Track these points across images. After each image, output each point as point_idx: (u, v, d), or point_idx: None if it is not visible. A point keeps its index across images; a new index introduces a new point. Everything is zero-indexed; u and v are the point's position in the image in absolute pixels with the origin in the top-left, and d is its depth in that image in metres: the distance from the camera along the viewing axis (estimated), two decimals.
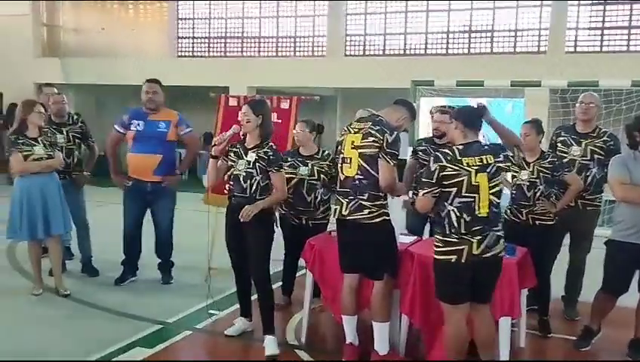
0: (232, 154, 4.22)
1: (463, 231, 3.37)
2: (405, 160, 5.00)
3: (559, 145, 5.01)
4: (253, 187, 4.11)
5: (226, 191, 4.36)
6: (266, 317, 4.25)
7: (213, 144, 4.26)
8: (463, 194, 3.36)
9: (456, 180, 3.35)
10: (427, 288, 3.91)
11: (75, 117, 5.89)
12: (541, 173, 4.48)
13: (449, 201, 3.39)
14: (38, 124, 5.06)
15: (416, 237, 4.55)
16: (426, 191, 3.44)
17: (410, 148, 5.33)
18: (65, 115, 5.81)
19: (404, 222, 4.94)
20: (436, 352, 3.89)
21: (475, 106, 3.81)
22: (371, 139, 3.73)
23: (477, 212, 3.36)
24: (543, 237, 4.46)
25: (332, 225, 4.33)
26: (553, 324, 4.69)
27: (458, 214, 3.37)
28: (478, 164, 3.37)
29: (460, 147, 3.45)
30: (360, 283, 4.00)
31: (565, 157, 4.82)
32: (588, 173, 4.81)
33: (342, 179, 3.88)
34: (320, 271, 4.30)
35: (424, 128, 8.18)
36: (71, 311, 4.95)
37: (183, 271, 5.86)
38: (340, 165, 3.91)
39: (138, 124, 5.46)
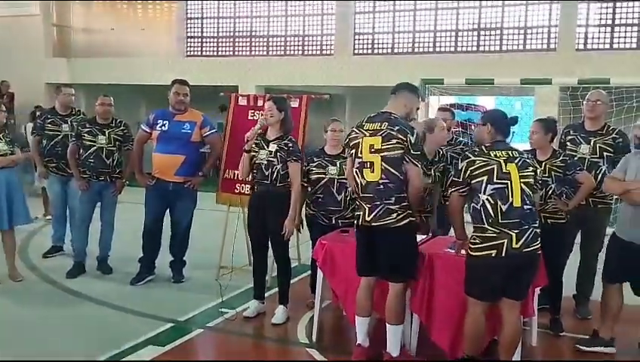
0: (254, 146, 4.66)
1: (500, 222, 3.44)
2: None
3: (568, 143, 4.99)
4: (274, 175, 4.57)
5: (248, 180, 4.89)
6: (282, 290, 4.81)
7: (246, 140, 4.66)
8: (495, 181, 3.46)
9: (486, 169, 3.48)
10: (435, 287, 3.93)
11: (119, 120, 5.97)
12: (553, 172, 4.46)
13: (482, 191, 3.48)
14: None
15: (425, 236, 4.54)
16: (454, 188, 3.57)
17: None
18: (110, 117, 5.90)
19: None
20: (448, 345, 3.92)
21: (508, 114, 3.80)
22: (394, 141, 3.65)
23: (511, 200, 3.44)
24: (555, 235, 4.43)
25: None
26: (565, 323, 4.69)
27: (493, 202, 3.46)
28: (505, 156, 3.53)
29: (487, 145, 3.62)
30: (375, 286, 3.97)
31: (575, 156, 4.80)
32: (598, 171, 4.78)
33: (362, 184, 3.76)
34: (331, 270, 4.31)
35: None
36: (83, 309, 4.99)
37: (195, 269, 5.89)
38: (357, 170, 3.81)
39: (163, 124, 5.49)
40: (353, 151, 3.83)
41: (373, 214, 3.72)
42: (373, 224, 3.73)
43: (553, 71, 9.41)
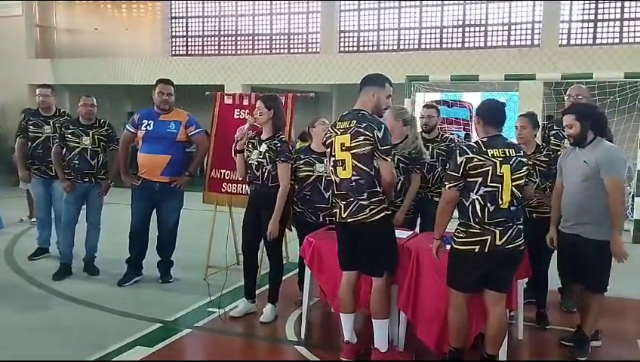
0: (249, 145, 4.68)
1: (486, 221, 3.47)
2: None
3: (552, 138, 5.04)
4: (265, 175, 4.59)
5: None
6: (273, 288, 4.80)
7: (235, 140, 4.66)
8: (489, 184, 3.47)
9: (482, 170, 3.46)
10: (422, 283, 3.95)
11: (102, 121, 5.94)
12: (537, 166, 4.50)
13: (474, 190, 3.49)
14: None
15: (412, 232, 4.57)
16: (452, 184, 3.54)
17: None
18: (93, 117, 5.86)
19: None
20: (435, 342, 3.94)
21: (496, 102, 3.72)
22: (362, 138, 3.70)
23: (500, 202, 3.47)
24: (540, 229, 4.47)
25: None
26: (550, 316, 4.73)
27: (482, 203, 3.48)
28: (501, 155, 3.50)
29: (484, 139, 3.58)
30: (358, 282, 4.00)
31: (558, 150, 4.84)
32: None
33: (337, 181, 3.84)
34: (318, 267, 4.31)
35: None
36: (70, 311, 4.96)
37: (183, 269, 5.87)
38: (332, 168, 3.88)
39: (148, 124, 5.46)
40: (329, 150, 3.90)
41: (348, 211, 3.77)
42: (348, 220, 3.79)
43: (537, 66, 9.50)
